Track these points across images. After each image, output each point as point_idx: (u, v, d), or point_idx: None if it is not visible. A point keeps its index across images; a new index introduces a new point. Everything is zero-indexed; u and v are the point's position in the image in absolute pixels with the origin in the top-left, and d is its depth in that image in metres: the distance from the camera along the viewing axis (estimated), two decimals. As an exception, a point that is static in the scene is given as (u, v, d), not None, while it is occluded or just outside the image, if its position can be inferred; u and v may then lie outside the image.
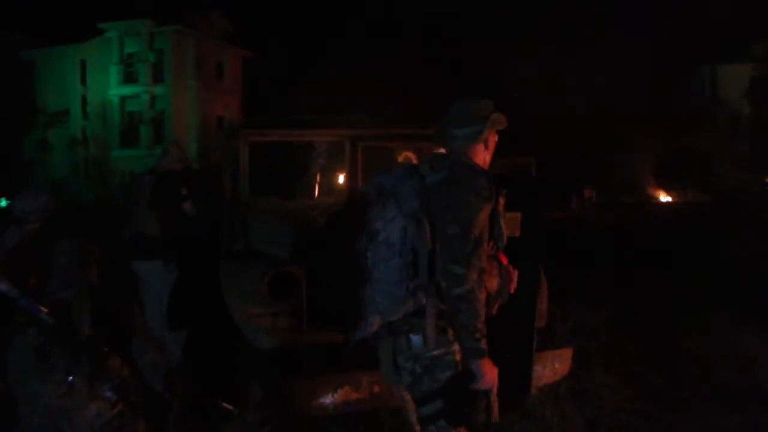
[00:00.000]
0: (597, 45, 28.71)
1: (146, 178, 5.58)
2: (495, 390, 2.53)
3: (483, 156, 2.66)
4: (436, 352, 2.51)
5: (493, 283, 2.57)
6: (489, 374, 2.47)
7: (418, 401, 2.58)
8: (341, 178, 5.33)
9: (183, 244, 5.39)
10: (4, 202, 21.26)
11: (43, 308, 2.70)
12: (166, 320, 5.21)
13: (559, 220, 14.34)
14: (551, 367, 3.75)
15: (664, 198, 24.12)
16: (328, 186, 5.52)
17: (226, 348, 4.20)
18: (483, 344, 2.43)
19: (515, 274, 2.65)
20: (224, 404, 3.72)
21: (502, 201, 2.57)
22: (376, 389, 3.48)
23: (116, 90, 34.26)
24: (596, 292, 6.73)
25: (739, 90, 31.74)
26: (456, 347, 2.52)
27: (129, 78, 34.13)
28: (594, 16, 29.86)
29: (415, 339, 2.51)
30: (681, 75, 31.82)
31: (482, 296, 2.44)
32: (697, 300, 7.05)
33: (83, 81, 34.94)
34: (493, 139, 2.69)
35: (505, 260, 2.65)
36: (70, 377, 2.60)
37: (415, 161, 4.82)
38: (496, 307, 2.63)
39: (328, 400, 3.48)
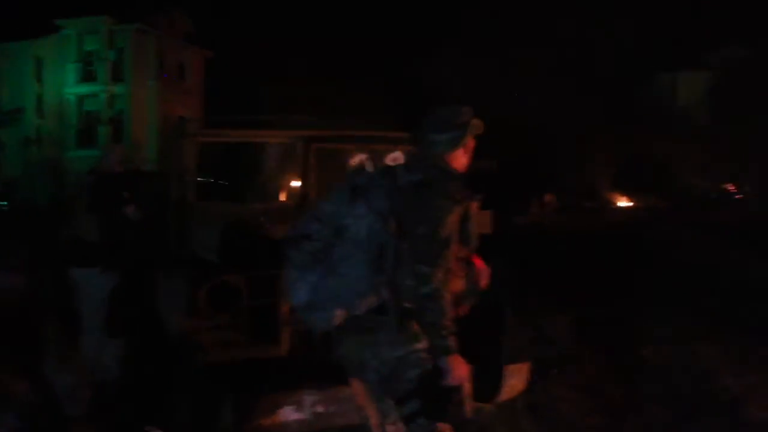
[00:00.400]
0: (557, 51, 28.99)
1: (86, 179, 5.33)
2: (468, 386, 2.60)
3: (461, 160, 2.73)
4: (401, 353, 2.53)
5: (458, 284, 2.63)
6: (458, 370, 2.52)
7: (396, 402, 2.61)
8: (294, 182, 5.11)
9: (125, 250, 5.13)
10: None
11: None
12: (103, 331, 4.94)
13: (520, 226, 14.33)
14: (507, 383, 3.61)
15: (624, 203, 24.38)
16: (281, 189, 5.30)
17: (162, 364, 3.96)
18: (451, 341, 2.49)
19: (487, 271, 2.73)
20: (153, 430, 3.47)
21: (474, 205, 2.64)
22: (320, 409, 3.29)
23: (73, 89, 33.34)
24: (555, 300, 6.64)
25: (698, 97, 32.30)
26: (420, 346, 2.54)
27: (87, 76, 33.24)
28: (553, 21, 30.15)
29: (379, 335, 2.54)
30: (641, 81, 32.26)
31: (449, 294, 2.50)
32: (655, 307, 7.03)
33: (38, 79, 33.95)
34: (471, 144, 2.76)
35: (478, 263, 2.73)
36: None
37: (369, 164, 4.65)
38: (466, 308, 2.70)
39: (267, 421, 3.27)
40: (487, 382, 3.55)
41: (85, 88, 33.29)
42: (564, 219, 16.81)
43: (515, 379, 3.70)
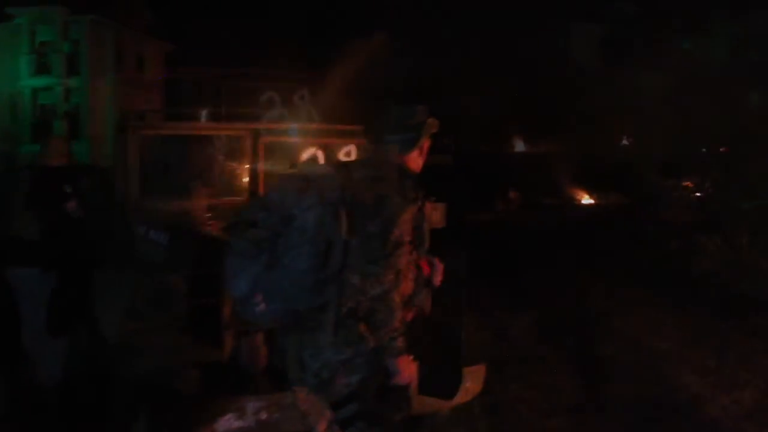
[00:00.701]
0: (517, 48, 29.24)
1: (24, 173, 5.01)
2: (414, 384, 2.57)
3: (417, 161, 2.67)
4: (344, 356, 2.41)
5: (407, 287, 2.52)
6: (406, 370, 2.47)
7: (333, 405, 2.51)
8: (243, 176, 4.89)
9: (65, 249, 4.85)
10: None
11: None
12: (42, 334, 4.68)
13: (484, 222, 14.28)
14: (462, 387, 3.46)
15: (587, 200, 24.53)
16: (229, 184, 5.07)
17: (100, 368, 3.75)
18: (400, 342, 2.43)
19: (441, 267, 2.67)
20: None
21: (428, 206, 2.57)
22: (263, 416, 3.10)
23: (27, 81, 32.15)
24: (516, 298, 6.56)
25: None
26: (365, 349, 2.42)
27: (41, 69, 32.17)
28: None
29: (321, 336, 2.41)
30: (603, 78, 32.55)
31: (398, 297, 2.43)
32: (616, 305, 6.99)
33: (-11, 69, 32.82)
34: (427, 144, 2.71)
35: (426, 270, 2.63)
36: None
37: (321, 159, 4.51)
38: (411, 314, 2.58)
39: (208, 429, 3.06)
40: (442, 384, 3.45)
41: (39, 81, 32.22)
42: (527, 216, 16.85)
43: (471, 382, 3.56)
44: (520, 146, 33.20)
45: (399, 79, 23.24)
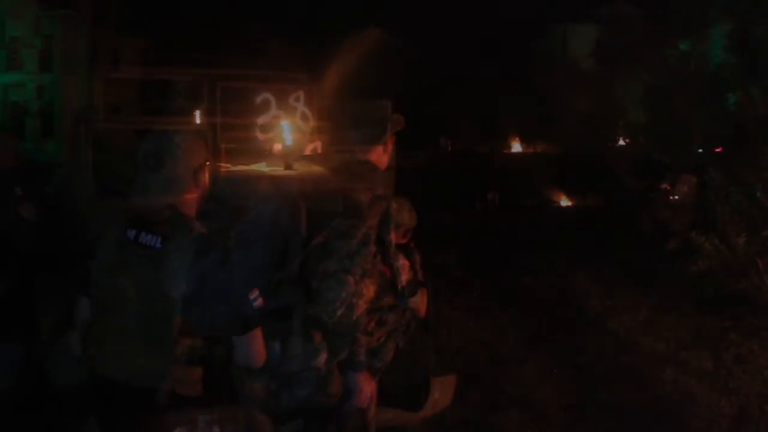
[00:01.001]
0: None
1: None
2: (372, 409, 2.44)
3: (381, 157, 2.61)
4: (293, 368, 2.24)
5: (370, 291, 2.35)
6: (365, 389, 2.35)
7: (277, 420, 2.35)
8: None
9: (19, 253, 4.64)
10: None
11: None
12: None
13: (462, 223, 14.25)
14: (431, 399, 3.29)
15: (565, 202, 24.61)
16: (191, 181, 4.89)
17: (49, 378, 3.53)
18: (361, 356, 2.32)
19: (407, 265, 2.60)
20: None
21: (394, 206, 2.48)
22: (215, 430, 2.89)
23: (-3, 77, 31.79)
24: (488, 303, 6.43)
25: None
26: (319, 361, 2.25)
27: (12, 65, 31.63)
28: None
29: (274, 346, 2.22)
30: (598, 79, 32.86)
31: (363, 302, 2.27)
32: (594, 305, 6.90)
33: (-43, 65, 32.23)
34: (392, 141, 2.66)
35: (387, 272, 2.49)
36: None
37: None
38: (374, 322, 2.43)
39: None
40: (409, 395, 3.30)
41: (10, 77, 31.66)
42: (504, 217, 16.83)
43: (440, 393, 3.39)
44: (516, 147, 33.45)
45: (396, 80, 23.25)
